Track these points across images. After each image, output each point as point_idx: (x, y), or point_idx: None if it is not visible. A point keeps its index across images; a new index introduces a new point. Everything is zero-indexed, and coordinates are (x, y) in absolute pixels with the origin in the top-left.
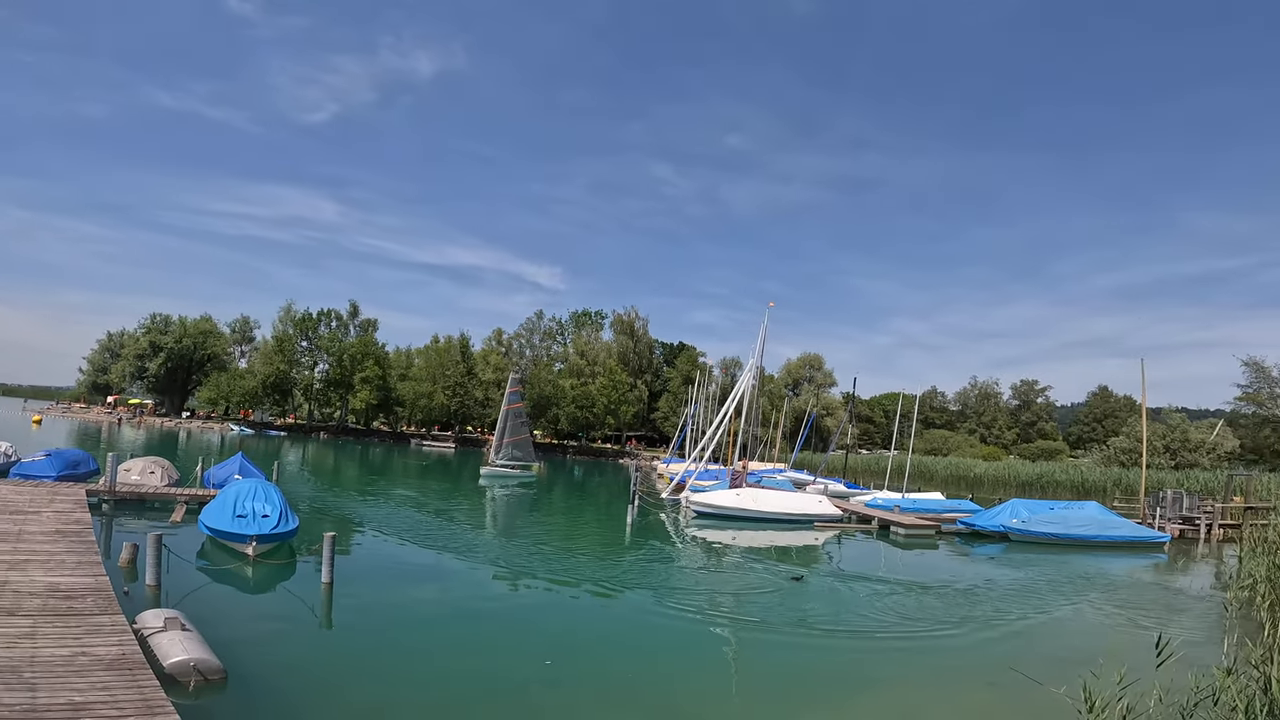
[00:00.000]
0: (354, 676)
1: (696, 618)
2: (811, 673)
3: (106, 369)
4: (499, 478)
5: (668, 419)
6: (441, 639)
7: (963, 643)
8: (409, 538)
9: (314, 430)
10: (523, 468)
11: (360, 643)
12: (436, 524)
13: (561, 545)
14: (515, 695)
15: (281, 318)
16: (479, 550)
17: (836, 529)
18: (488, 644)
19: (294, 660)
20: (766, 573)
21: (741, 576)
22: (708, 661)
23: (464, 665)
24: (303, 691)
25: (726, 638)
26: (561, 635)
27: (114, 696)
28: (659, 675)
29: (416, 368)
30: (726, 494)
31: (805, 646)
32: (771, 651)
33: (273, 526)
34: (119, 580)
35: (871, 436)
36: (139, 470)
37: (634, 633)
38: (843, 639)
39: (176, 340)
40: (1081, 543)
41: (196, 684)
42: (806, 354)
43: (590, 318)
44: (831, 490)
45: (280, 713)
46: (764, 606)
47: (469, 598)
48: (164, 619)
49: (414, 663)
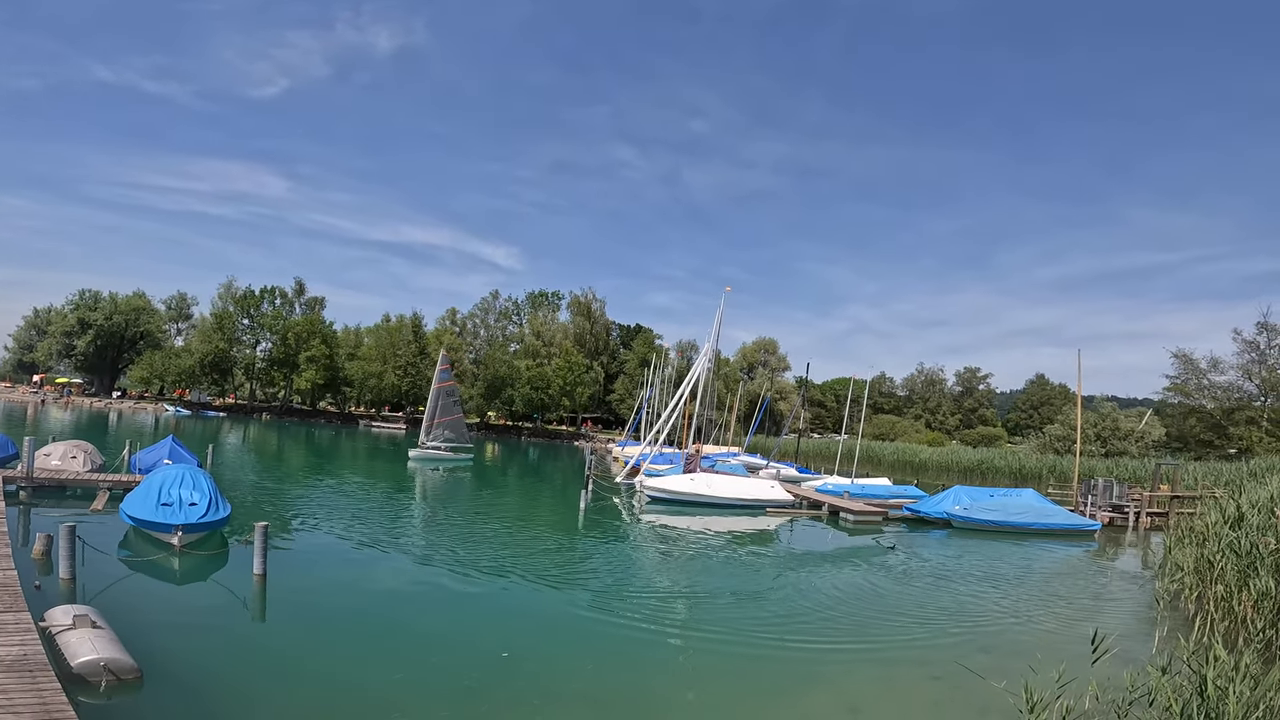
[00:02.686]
0: (286, 674)
1: (647, 609)
2: (758, 665)
3: (32, 347)
4: (429, 461)
5: (624, 401)
6: (383, 633)
7: (908, 634)
8: (352, 525)
9: (256, 411)
10: (454, 450)
11: (295, 638)
12: (382, 510)
13: (513, 532)
14: (466, 692)
15: (221, 295)
16: (425, 537)
17: (788, 515)
18: (436, 638)
19: (220, 657)
20: (718, 561)
21: (693, 565)
22: (656, 654)
23: (408, 660)
24: (226, 690)
25: (676, 631)
26: (512, 628)
27: (10, 701)
28: (608, 668)
29: (366, 347)
30: (680, 479)
31: (753, 639)
32: (719, 643)
33: (200, 515)
34: (31, 574)
35: (823, 421)
36: (60, 455)
37: (584, 625)
38: (788, 631)
39: (107, 317)
40: (1019, 530)
41: (108, 684)
42: (762, 338)
43: (547, 298)
44: (784, 475)
45: (197, 713)
46: (714, 597)
47: (414, 588)
48: (73, 616)
49: (353, 659)
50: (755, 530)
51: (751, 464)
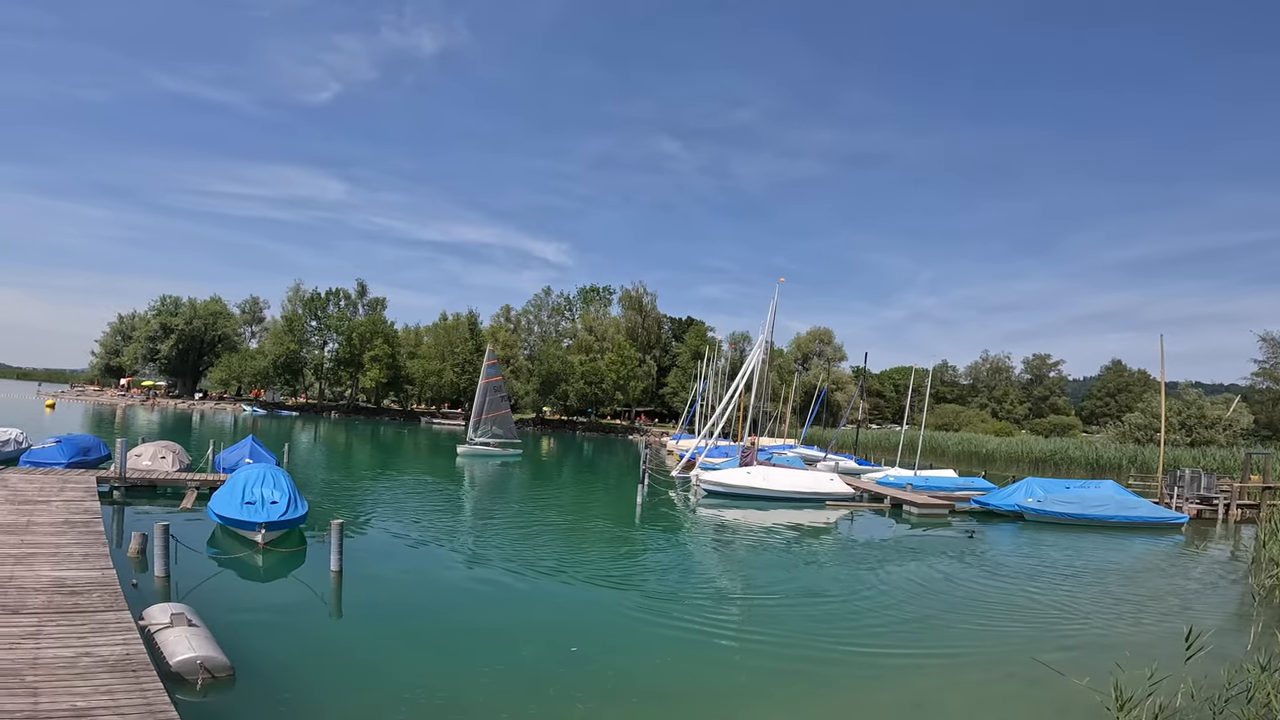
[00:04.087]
0: (366, 669)
1: (707, 604)
2: (819, 662)
3: (119, 351)
4: (478, 457)
5: (677, 394)
6: (451, 628)
7: (979, 630)
8: (416, 521)
9: (325, 410)
10: (503, 446)
11: (371, 633)
12: (443, 505)
13: (571, 527)
14: (535, 687)
15: (290, 297)
16: (486, 533)
17: (848, 508)
18: (501, 633)
19: (303, 653)
20: (777, 556)
21: (751, 560)
22: (717, 650)
23: (477, 655)
24: (312, 687)
25: (740, 623)
26: (574, 624)
27: (116, 701)
28: (670, 665)
29: (425, 346)
30: (737, 473)
31: (814, 634)
32: (779, 640)
33: (281, 513)
34: (128, 572)
35: (882, 411)
36: (150, 455)
37: (645, 621)
38: (854, 623)
39: (187, 322)
40: (1098, 523)
41: (204, 682)
42: (816, 328)
43: (598, 293)
44: (842, 467)
45: (288, 711)
46: (773, 592)
47: (478, 583)
48: (170, 614)
49: (425, 654)
50: (814, 524)
51: (808, 456)
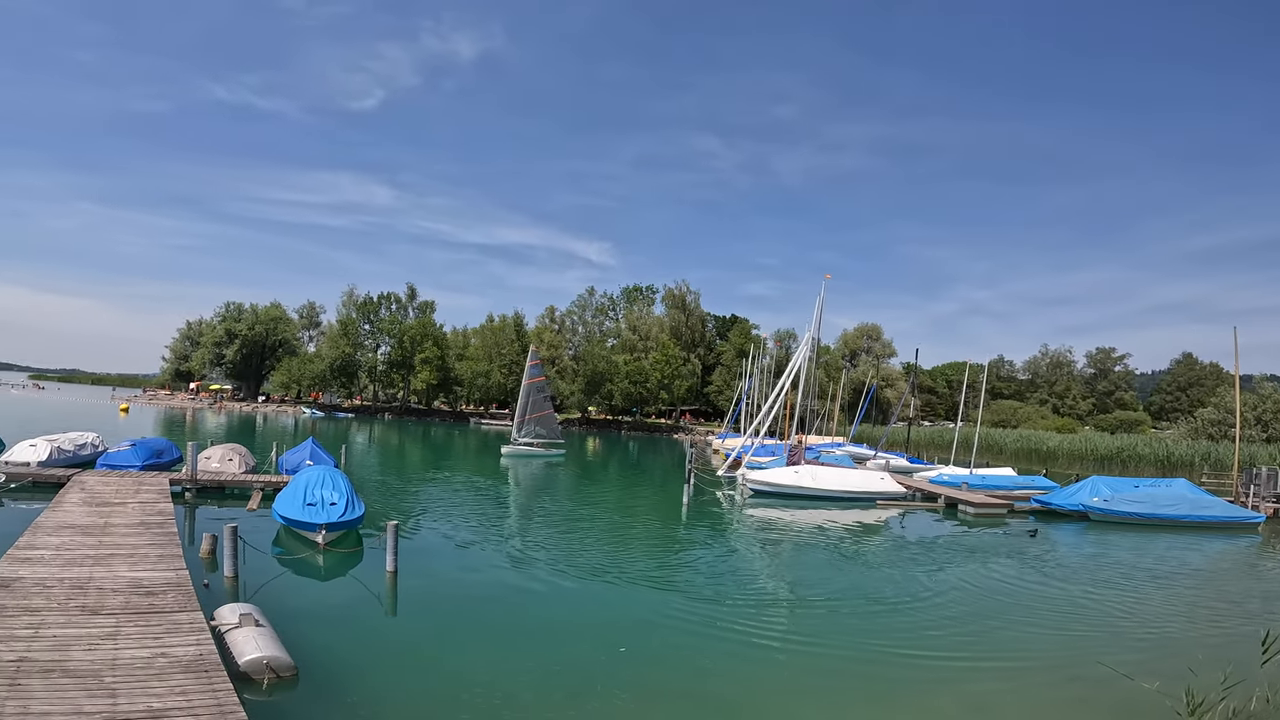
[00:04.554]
0: (420, 668)
1: (755, 605)
2: (875, 663)
3: (188, 356)
4: (522, 457)
5: (722, 393)
6: (501, 627)
7: (1043, 632)
8: (466, 520)
9: (379, 411)
10: (547, 446)
11: (424, 632)
12: (492, 505)
13: (617, 527)
14: (581, 684)
15: (344, 302)
16: (534, 533)
17: (900, 507)
18: (549, 630)
19: (361, 653)
20: (826, 556)
21: (800, 560)
22: (770, 650)
23: (527, 653)
24: (370, 686)
25: (788, 626)
26: (621, 624)
27: (190, 702)
28: (716, 667)
29: (473, 347)
30: (785, 472)
31: (869, 635)
32: (839, 639)
33: (340, 514)
34: (199, 572)
35: (934, 408)
36: (218, 457)
37: (691, 623)
38: (908, 627)
39: (250, 327)
40: (1169, 523)
41: (269, 682)
42: (864, 324)
43: (641, 292)
44: (893, 466)
45: (348, 711)
46: (823, 594)
47: (526, 582)
48: (239, 614)
49: (477, 653)
50: (865, 524)
51: (858, 454)
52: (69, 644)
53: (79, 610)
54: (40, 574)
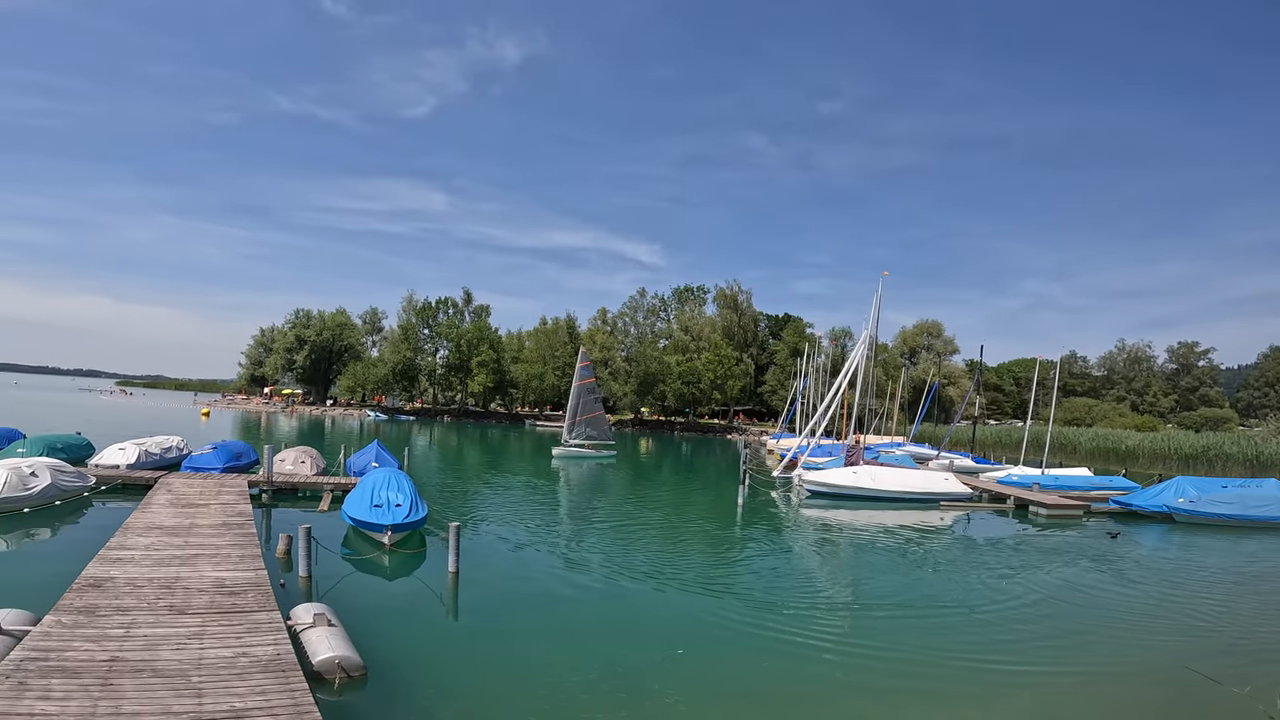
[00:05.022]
0: (481, 668)
1: (818, 607)
2: (941, 671)
3: (261, 362)
4: (572, 459)
5: (775, 392)
6: (559, 628)
7: (1126, 637)
8: (524, 521)
9: (438, 413)
10: (598, 447)
11: (484, 633)
12: (546, 507)
13: (671, 529)
14: (636, 687)
15: (404, 307)
16: (590, 533)
17: (965, 509)
18: (605, 632)
19: (426, 652)
20: (888, 559)
21: (860, 563)
22: (831, 655)
23: (587, 655)
24: (435, 686)
25: (851, 630)
26: (676, 627)
27: (269, 702)
28: (773, 673)
29: (528, 350)
30: (842, 472)
31: (935, 642)
32: (901, 645)
33: (404, 515)
34: (275, 572)
35: (1000, 406)
36: (292, 460)
37: (747, 627)
38: (977, 633)
39: (318, 333)
40: (1261, 524)
41: (340, 681)
42: (923, 321)
43: (693, 293)
44: (958, 466)
45: (414, 711)
46: (890, 594)
47: (582, 584)
48: (313, 614)
49: (537, 654)
50: (928, 526)
51: (919, 454)
52: (158, 643)
53: (167, 610)
54: (131, 574)
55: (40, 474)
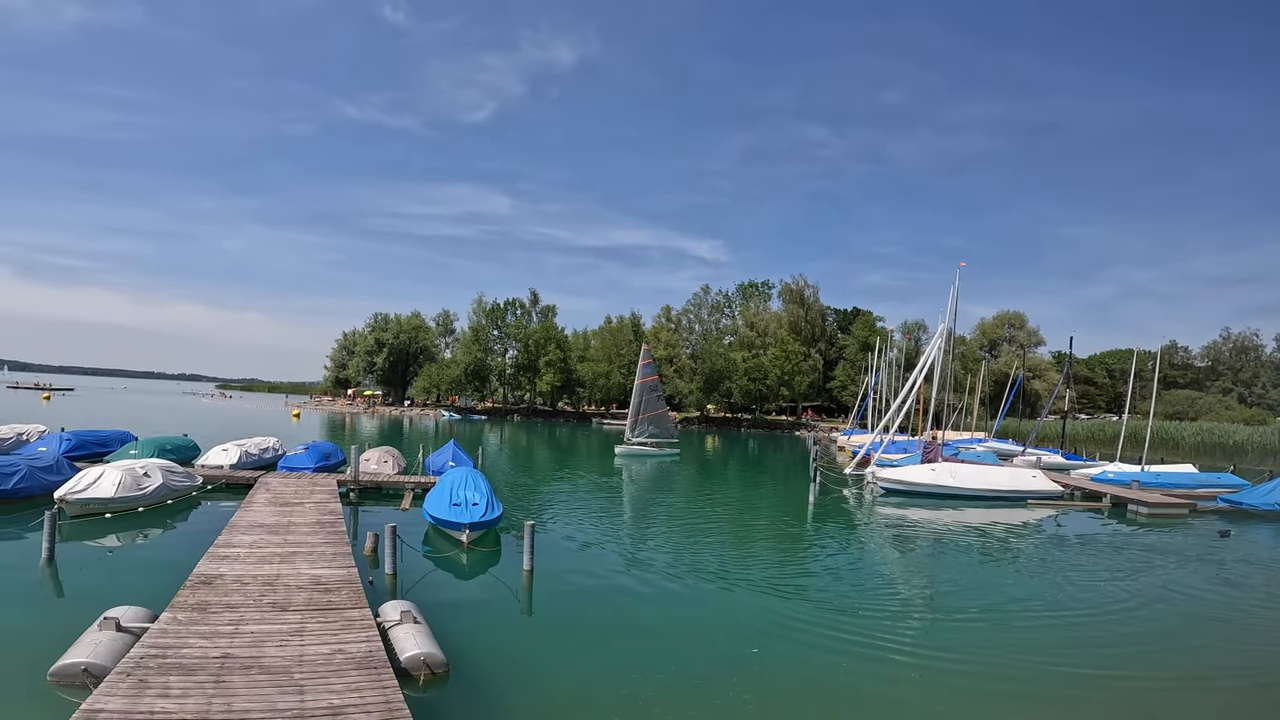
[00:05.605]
0: (557, 666)
1: (896, 611)
2: (1031, 678)
3: (345, 365)
4: (635, 457)
5: (845, 388)
6: (630, 626)
7: (1236, 644)
8: (593, 519)
9: (508, 413)
10: (661, 445)
11: (559, 630)
12: (617, 505)
13: (740, 527)
14: (707, 689)
15: (474, 309)
16: (659, 532)
17: (1055, 507)
18: (679, 632)
19: (505, 650)
20: (971, 561)
21: (941, 565)
22: (917, 656)
23: (654, 653)
24: (515, 683)
25: (938, 631)
26: (749, 628)
27: (363, 699)
28: (857, 667)
29: (594, 349)
30: (920, 469)
31: (1026, 645)
32: (986, 652)
33: (481, 514)
34: (363, 570)
35: (1092, 400)
36: (375, 460)
37: (827, 625)
38: (1074, 637)
39: (395, 336)
40: None
41: (425, 678)
42: (1004, 312)
43: (757, 288)
44: (1046, 462)
45: (494, 707)
46: (974, 598)
47: (651, 583)
48: (400, 611)
49: (611, 653)
50: (1014, 525)
51: (1002, 451)
52: (263, 640)
53: (270, 607)
54: (238, 571)
55: (152, 474)
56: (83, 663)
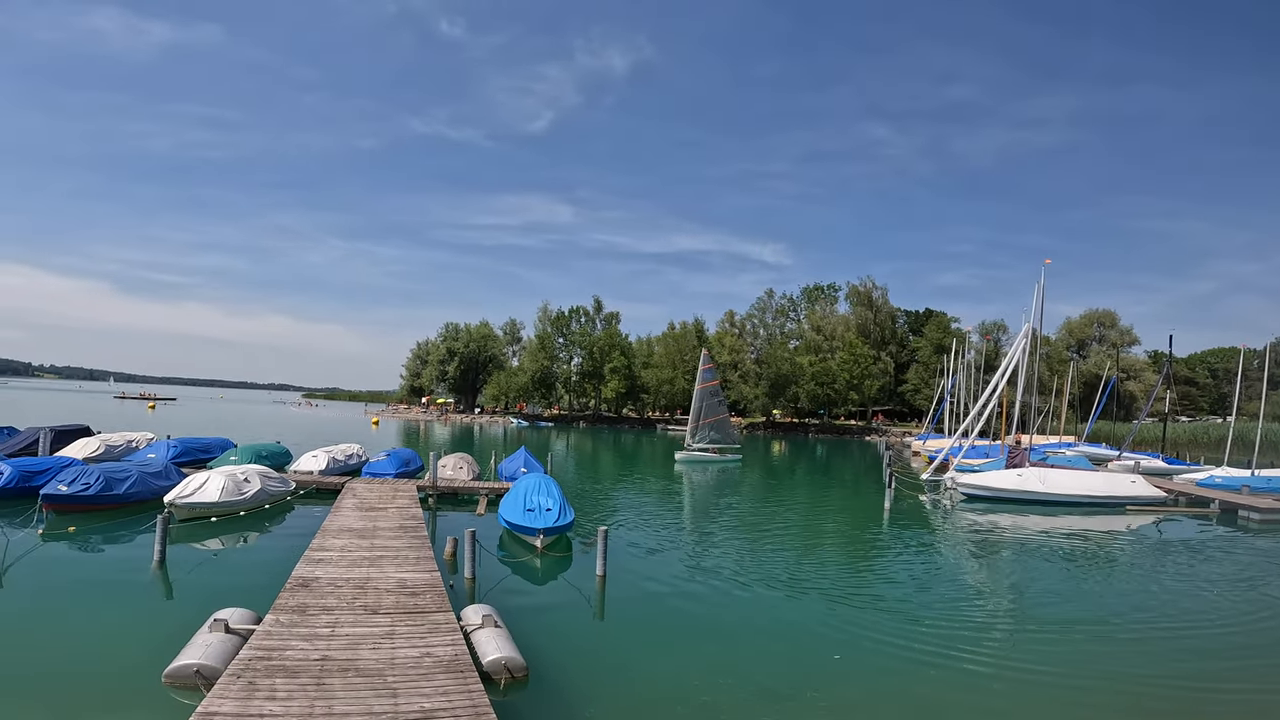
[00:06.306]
0: (635, 672)
1: (982, 623)
2: (1137, 693)
3: (419, 374)
4: (697, 463)
5: (919, 391)
6: (706, 631)
7: None
8: (658, 524)
9: (574, 420)
10: (722, 451)
11: (634, 636)
12: (683, 509)
13: (813, 534)
14: (789, 696)
15: (540, 317)
16: (725, 538)
17: (1157, 513)
18: (752, 636)
19: (580, 654)
20: (1067, 572)
21: (1032, 572)
22: (1012, 669)
23: (734, 659)
24: (592, 687)
25: (1033, 642)
26: (828, 633)
27: (451, 703)
28: (946, 680)
29: (657, 355)
30: (1005, 474)
31: (1129, 660)
32: (1098, 654)
33: (554, 520)
34: (444, 574)
35: (1194, 401)
36: (451, 466)
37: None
38: (1180, 651)
39: (465, 345)
40: None
41: (505, 681)
42: (1093, 310)
43: (823, 291)
44: (1145, 467)
45: (574, 712)
46: (1069, 609)
47: (724, 588)
48: (481, 615)
49: (681, 657)
50: (1112, 533)
51: (1095, 455)
52: (358, 643)
53: (363, 609)
54: (331, 574)
55: (251, 480)
56: (195, 664)
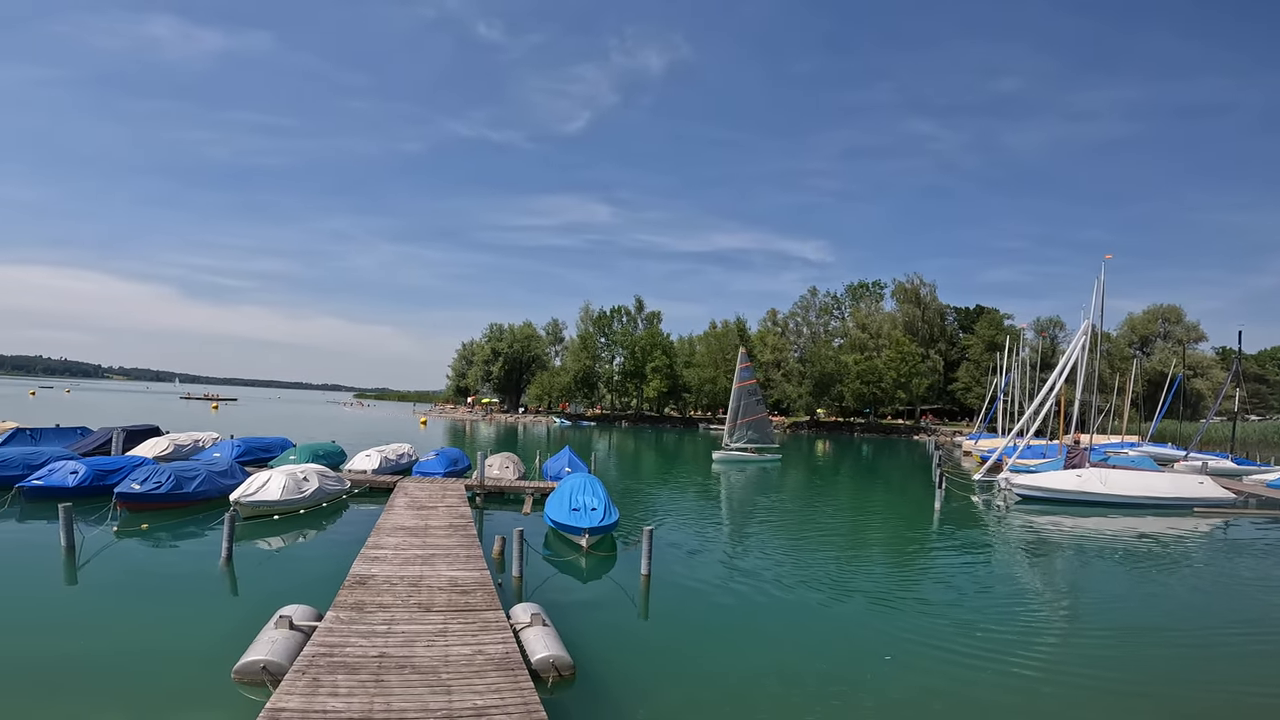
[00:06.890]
0: (681, 671)
1: (1040, 627)
2: (1205, 702)
3: (464, 374)
4: (735, 463)
5: (969, 390)
6: (752, 632)
7: None
8: (700, 524)
9: (616, 419)
10: (760, 451)
11: (680, 635)
12: (725, 510)
13: (861, 536)
14: (835, 694)
15: (582, 317)
16: (771, 536)
17: (1226, 515)
18: (797, 638)
19: (626, 653)
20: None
21: (1095, 576)
22: (1080, 676)
23: (780, 661)
24: (639, 687)
25: (1087, 645)
26: (873, 633)
27: (503, 700)
28: (998, 684)
29: (699, 354)
30: (1063, 475)
31: (1194, 667)
32: (1164, 658)
33: (600, 519)
34: (493, 572)
35: (1264, 399)
36: (497, 465)
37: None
38: (1248, 657)
39: (509, 345)
40: None
41: (553, 680)
42: (1156, 305)
43: (868, 289)
44: (1214, 467)
45: (621, 711)
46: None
47: (768, 589)
48: (530, 614)
49: (726, 657)
50: (1178, 536)
51: (1160, 455)
52: (414, 640)
53: (417, 607)
54: (387, 572)
55: (310, 479)
56: (262, 660)
